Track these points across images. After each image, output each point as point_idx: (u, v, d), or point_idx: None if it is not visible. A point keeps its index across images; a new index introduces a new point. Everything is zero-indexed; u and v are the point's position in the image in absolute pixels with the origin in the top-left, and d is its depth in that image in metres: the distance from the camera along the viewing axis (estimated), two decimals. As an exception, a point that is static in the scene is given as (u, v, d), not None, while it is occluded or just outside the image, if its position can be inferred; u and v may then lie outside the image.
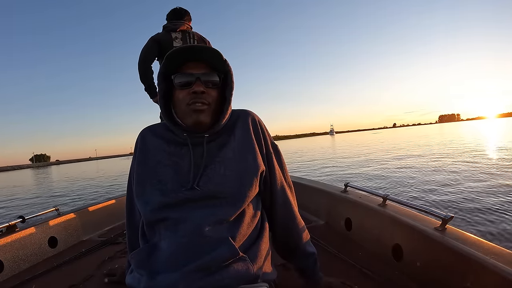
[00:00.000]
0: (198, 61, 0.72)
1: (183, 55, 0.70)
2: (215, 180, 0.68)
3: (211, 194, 0.67)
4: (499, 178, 5.62)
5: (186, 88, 0.70)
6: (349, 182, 1.55)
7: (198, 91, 0.68)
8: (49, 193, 11.52)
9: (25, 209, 7.97)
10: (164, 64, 0.71)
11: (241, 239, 0.67)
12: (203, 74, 0.70)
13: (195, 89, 0.68)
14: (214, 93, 0.72)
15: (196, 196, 0.66)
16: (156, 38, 2.13)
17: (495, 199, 4.21)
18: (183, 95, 0.70)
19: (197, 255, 0.60)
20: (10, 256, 1.29)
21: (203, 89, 0.69)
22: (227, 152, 0.72)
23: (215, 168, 0.70)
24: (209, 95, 0.70)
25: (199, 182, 0.68)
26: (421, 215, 1.05)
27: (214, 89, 0.72)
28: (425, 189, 5.24)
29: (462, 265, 0.77)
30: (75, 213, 1.74)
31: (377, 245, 1.18)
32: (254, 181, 0.72)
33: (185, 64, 0.72)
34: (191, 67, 0.71)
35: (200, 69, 0.71)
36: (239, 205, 0.68)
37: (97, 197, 8.61)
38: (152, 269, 0.62)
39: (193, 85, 0.69)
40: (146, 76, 2.11)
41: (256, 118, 0.81)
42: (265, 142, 0.80)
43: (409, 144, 18.97)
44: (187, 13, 2.24)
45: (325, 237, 1.40)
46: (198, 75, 0.70)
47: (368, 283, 0.98)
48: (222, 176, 0.69)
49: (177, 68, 0.72)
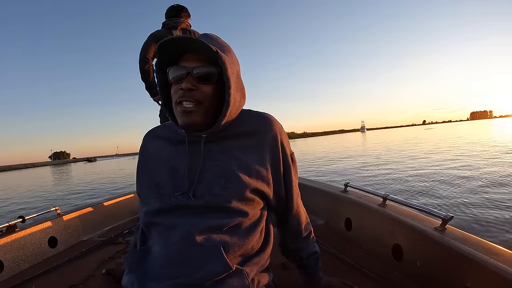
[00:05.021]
0: (194, 53, 0.65)
1: (179, 46, 0.64)
2: (214, 191, 0.63)
3: (207, 204, 0.63)
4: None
5: (178, 83, 0.63)
6: (349, 182, 1.55)
7: (185, 87, 0.61)
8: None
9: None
10: (158, 55, 0.66)
11: (237, 250, 0.63)
12: (196, 68, 0.63)
13: (182, 85, 0.62)
14: (207, 89, 0.64)
15: (190, 203, 0.63)
16: (156, 35, 2.10)
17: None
18: (174, 90, 0.64)
19: (188, 267, 0.58)
20: (10, 256, 1.29)
21: (190, 85, 0.62)
22: (231, 163, 0.66)
23: (214, 177, 0.64)
24: (200, 91, 0.63)
25: (196, 190, 0.64)
26: (421, 215, 1.05)
27: (207, 85, 0.64)
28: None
29: (462, 265, 0.77)
30: (75, 213, 1.74)
31: (377, 245, 1.18)
32: (256, 197, 0.68)
33: (182, 57, 0.66)
34: (186, 59, 0.64)
35: (194, 62, 0.64)
36: (235, 216, 0.64)
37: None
38: (143, 275, 0.61)
39: (184, 79, 0.62)
40: (147, 74, 2.08)
41: (276, 131, 0.71)
42: (283, 159, 0.72)
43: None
44: (185, 9, 2.23)
45: (325, 237, 1.40)
46: (190, 68, 0.63)
47: (368, 283, 0.98)
48: (222, 188, 0.63)
49: (176, 60, 0.66)
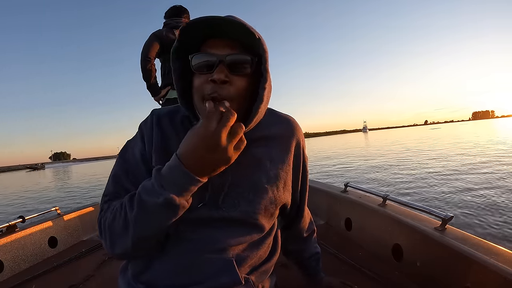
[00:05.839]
0: (222, 38, 0.55)
1: (204, 29, 0.53)
2: (241, 206, 0.58)
3: (231, 218, 0.58)
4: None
5: (205, 73, 0.54)
6: (349, 182, 1.55)
7: (218, 79, 0.51)
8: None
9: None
10: (178, 38, 0.56)
11: (248, 261, 0.60)
12: (230, 55, 0.53)
13: (214, 76, 0.52)
14: (241, 82, 0.54)
15: (213, 215, 0.58)
16: (158, 35, 2.08)
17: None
18: (200, 82, 0.54)
19: (198, 279, 0.55)
20: (10, 256, 1.29)
21: (224, 76, 0.52)
22: (260, 174, 0.61)
23: (242, 190, 0.59)
24: (233, 85, 0.53)
25: (221, 203, 0.58)
26: (421, 215, 1.05)
27: (242, 77, 0.54)
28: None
29: (462, 265, 0.77)
30: (75, 213, 1.74)
31: (377, 245, 1.18)
32: (276, 211, 0.65)
33: (206, 42, 0.56)
34: (215, 45, 0.54)
35: (226, 49, 0.54)
36: (255, 231, 0.61)
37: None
38: (148, 286, 0.57)
39: (215, 69, 0.52)
40: (148, 74, 2.06)
41: (300, 137, 0.68)
42: (303, 166, 0.70)
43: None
44: (186, 11, 2.23)
45: (325, 237, 1.40)
46: (222, 56, 0.53)
47: (368, 283, 0.98)
48: (249, 203, 0.59)
49: (196, 45, 0.56)
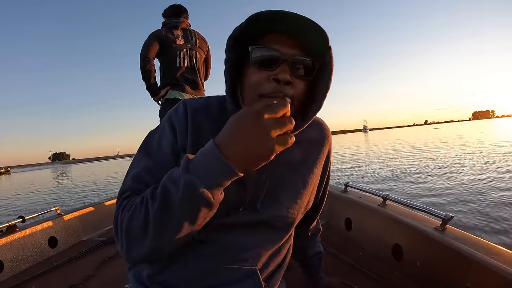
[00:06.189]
0: (287, 35, 0.51)
1: (264, 22, 0.50)
2: (274, 210, 0.56)
3: (265, 223, 0.56)
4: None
5: (266, 69, 0.50)
6: (349, 182, 1.55)
7: (283, 79, 0.48)
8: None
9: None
10: (242, 27, 0.51)
11: (269, 268, 0.60)
12: (296, 57, 0.50)
13: (279, 75, 0.49)
14: (302, 86, 0.52)
15: (251, 219, 0.55)
16: (157, 35, 2.08)
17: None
18: (258, 77, 0.50)
19: (219, 285, 0.53)
20: (10, 256, 1.28)
21: (289, 77, 0.49)
22: (297, 179, 0.60)
23: (282, 194, 0.58)
24: (295, 88, 0.51)
25: (259, 207, 0.55)
26: (421, 215, 1.05)
27: (303, 81, 0.52)
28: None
29: (462, 265, 0.77)
30: (75, 213, 1.74)
31: (377, 245, 1.18)
32: (302, 215, 0.64)
33: (266, 36, 0.52)
34: (279, 41, 0.51)
35: (291, 48, 0.51)
36: (283, 237, 0.61)
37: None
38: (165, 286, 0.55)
39: (277, 67, 0.49)
40: (148, 74, 2.05)
41: (331, 142, 0.67)
42: (328, 171, 0.70)
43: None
44: (186, 10, 2.23)
45: (325, 237, 1.40)
46: (288, 55, 0.50)
47: (368, 283, 0.98)
48: (287, 208, 0.58)
49: (256, 37, 0.53)
